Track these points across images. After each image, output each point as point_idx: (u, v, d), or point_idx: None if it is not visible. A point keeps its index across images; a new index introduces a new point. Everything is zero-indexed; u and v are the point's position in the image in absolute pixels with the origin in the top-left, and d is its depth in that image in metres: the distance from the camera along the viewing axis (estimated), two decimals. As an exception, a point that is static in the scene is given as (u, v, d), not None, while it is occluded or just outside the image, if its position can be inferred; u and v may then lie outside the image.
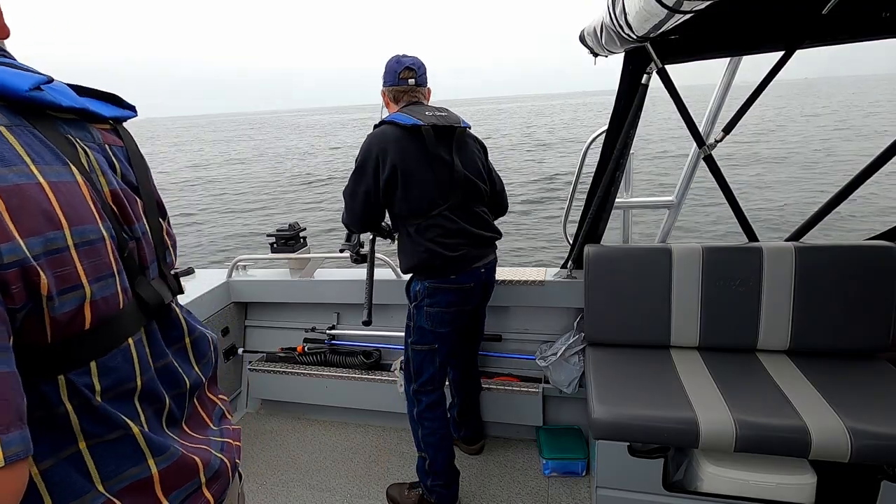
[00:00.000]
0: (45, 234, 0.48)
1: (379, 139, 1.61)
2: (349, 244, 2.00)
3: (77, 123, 0.60)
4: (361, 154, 1.63)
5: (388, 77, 1.72)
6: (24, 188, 0.47)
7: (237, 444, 0.76)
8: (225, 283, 2.53)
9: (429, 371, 1.77)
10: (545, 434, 2.14)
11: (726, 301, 1.83)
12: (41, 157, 0.51)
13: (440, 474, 1.81)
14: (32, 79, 0.53)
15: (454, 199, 1.66)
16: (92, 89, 0.66)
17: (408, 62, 1.69)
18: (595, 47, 1.76)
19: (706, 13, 1.06)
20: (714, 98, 1.86)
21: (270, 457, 2.26)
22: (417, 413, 1.80)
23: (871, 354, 1.77)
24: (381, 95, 1.78)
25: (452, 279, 1.69)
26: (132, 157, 0.67)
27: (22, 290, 0.46)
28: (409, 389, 1.83)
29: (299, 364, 2.47)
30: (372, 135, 1.64)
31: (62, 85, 0.60)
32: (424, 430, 1.79)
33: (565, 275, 2.18)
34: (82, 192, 0.54)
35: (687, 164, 1.99)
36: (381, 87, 1.75)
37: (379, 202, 1.65)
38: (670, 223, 2.15)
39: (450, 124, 1.64)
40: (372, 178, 1.61)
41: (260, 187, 14.24)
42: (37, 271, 0.47)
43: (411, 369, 1.80)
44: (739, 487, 1.51)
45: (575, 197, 2.20)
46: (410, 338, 1.78)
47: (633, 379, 1.73)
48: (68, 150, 0.55)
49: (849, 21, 1.57)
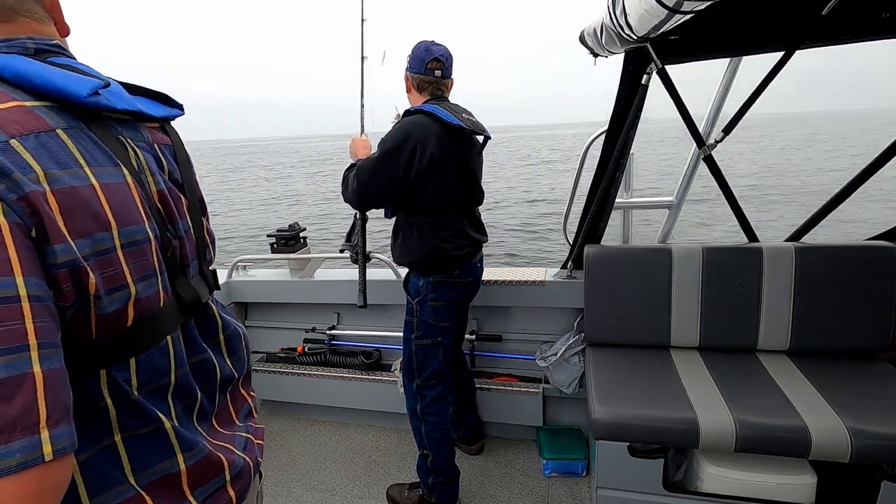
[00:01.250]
0: (94, 235, 0.50)
1: (419, 129, 1.57)
2: (349, 244, 2.00)
3: (129, 124, 0.62)
4: (396, 138, 1.57)
5: (415, 64, 1.67)
6: (78, 190, 0.49)
7: (260, 442, 0.77)
8: (225, 284, 2.53)
9: (433, 365, 1.78)
10: (545, 434, 2.14)
11: (726, 301, 1.83)
12: (95, 159, 0.53)
13: (441, 471, 1.81)
14: (90, 83, 0.54)
15: (469, 201, 1.75)
16: (143, 88, 0.68)
17: (437, 52, 1.64)
18: (595, 48, 1.76)
19: (706, 13, 1.06)
20: (714, 98, 1.86)
21: (270, 457, 2.25)
22: (421, 409, 1.80)
23: (871, 354, 1.77)
24: (403, 78, 1.74)
25: (455, 274, 1.74)
26: (178, 155, 0.69)
27: (72, 289, 0.48)
28: (411, 386, 1.82)
29: (299, 364, 2.47)
30: (409, 122, 1.60)
31: (117, 86, 0.62)
32: (428, 427, 1.80)
33: (565, 275, 2.18)
34: (131, 193, 0.56)
35: (687, 165, 1.99)
36: (406, 70, 1.71)
37: (401, 190, 1.61)
38: (670, 223, 2.16)
39: (479, 132, 1.69)
40: (404, 166, 1.56)
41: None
42: (86, 271, 0.48)
43: (414, 365, 1.80)
44: (739, 487, 1.51)
45: (575, 197, 2.20)
46: (413, 333, 1.78)
47: (633, 379, 1.73)
48: (120, 151, 0.57)
49: (849, 21, 1.57)
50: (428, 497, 1.85)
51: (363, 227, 1.93)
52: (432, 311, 1.73)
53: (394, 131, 1.60)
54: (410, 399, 1.85)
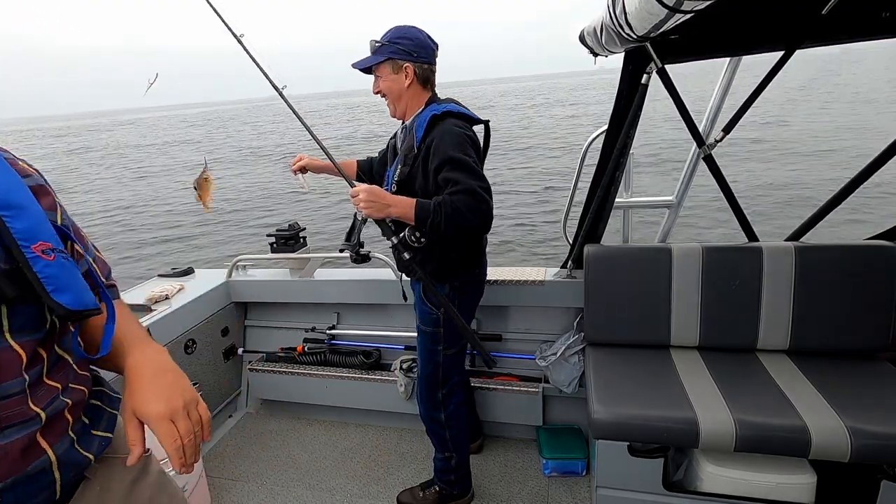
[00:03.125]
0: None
1: (469, 133, 1.48)
2: (349, 244, 1.99)
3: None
4: (465, 146, 1.42)
5: (424, 53, 1.51)
6: None
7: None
8: (225, 283, 2.53)
9: (458, 371, 1.78)
10: (545, 434, 2.14)
11: (726, 301, 1.83)
12: None
13: (462, 465, 1.85)
14: None
15: None
16: None
17: (433, 39, 1.54)
18: (595, 47, 1.76)
19: (706, 13, 1.06)
20: (714, 98, 1.86)
21: (270, 457, 2.25)
22: (446, 417, 1.77)
23: (871, 354, 1.77)
24: (403, 70, 1.52)
25: (476, 273, 1.72)
26: None
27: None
28: (436, 396, 1.75)
29: (299, 364, 2.47)
30: (461, 127, 1.47)
31: None
32: (453, 432, 1.79)
33: (565, 275, 2.18)
34: None
35: (687, 164, 1.99)
36: (407, 60, 1.50)
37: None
38: (670, 223, 2.16)
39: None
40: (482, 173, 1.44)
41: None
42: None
43: (439, 376, 1.73)
44: (739, 487, 1.51)
45: (575, 197, 2.20)
46: (440, 345, 1.69)
47: (633, 379, 1.73)
48: None
49: (849, 21, 1.57)
50: (449, 491, 1.86)
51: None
52: (461, 314, 1.63)
53: (454, 139, 1.43)
54: (430, 409, 1.78)
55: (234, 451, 2.31)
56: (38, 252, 0.63)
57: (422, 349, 1.75)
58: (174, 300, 2.30)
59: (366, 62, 1.54)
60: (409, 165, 1.53)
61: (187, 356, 2.27)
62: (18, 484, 0.64)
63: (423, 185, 1.51)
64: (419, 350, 1.78)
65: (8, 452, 0.62)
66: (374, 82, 1.58)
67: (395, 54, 1.50)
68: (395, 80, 1.53)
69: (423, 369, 1.77)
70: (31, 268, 0.62)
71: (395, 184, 1.56)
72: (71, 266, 0.68)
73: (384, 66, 1.53)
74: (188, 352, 2.28)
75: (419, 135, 1.51)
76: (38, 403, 0.67)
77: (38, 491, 0.67)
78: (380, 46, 1.52)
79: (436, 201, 1.39)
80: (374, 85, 1.58)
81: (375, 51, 1.53)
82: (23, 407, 0.65)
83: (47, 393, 0.68)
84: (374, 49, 1.54)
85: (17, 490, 0.64)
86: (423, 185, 1.51)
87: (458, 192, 1.37)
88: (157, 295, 2.28)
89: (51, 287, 0.63)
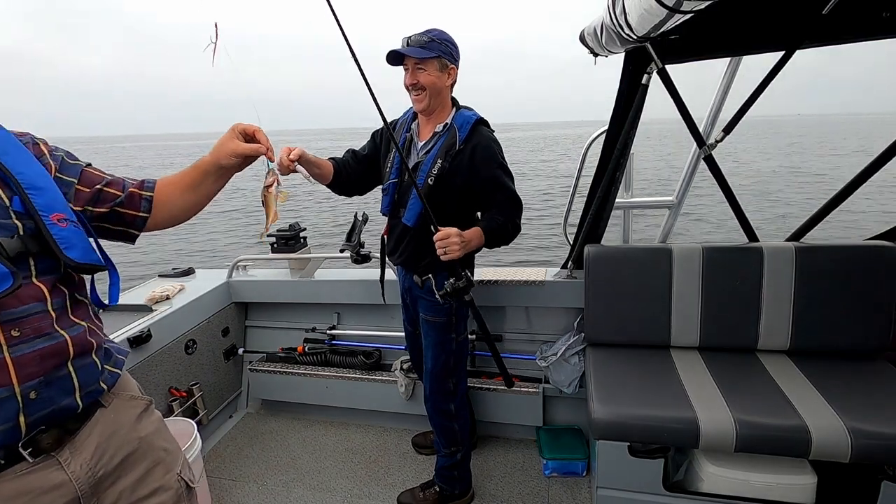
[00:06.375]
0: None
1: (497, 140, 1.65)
2: (349, 244, 1.99)
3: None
4: (503, 155, 1.63)
5: (459, 57, 1.61)
6: None
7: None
8: (225, 283, 2.53)
9: (465, 356, 1.82)
10: (545, 434, 2.15)
11: (726, 301, 1.83)
12: None
13: (466, 460, 1.87)
14: None
15: None
16: None
17: None
18: (595, 47, 1.76)
19: (706, 13, 1.06)
20: (714, 98, 1.86)
21: (270, 457, 2.26)
22: (456, 408, 1.79)
23: (872, 354, 1.77)
24: (448, 70, 1.58)
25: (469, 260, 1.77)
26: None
27: None
28: (447, 386, 1.76)
29: (299, 364, 2.47)
30: (493, 135, 1.64)
31: None
32: (461, 422, 1.81)
33: (565, 275, 2.19)
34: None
35: (687, 164, 1.99)
36: (451, 63, 1.58)
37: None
38: (670, 223, 2.16)
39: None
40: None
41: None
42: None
43: (451, 364, 1.74)
44: (740, 487, 1.51)
45: (575, 197, 2.20)
46: (452, 333, 1.72)
47: (634, 379, 1.73)
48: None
49: (849, 21, 1.57)
50: (449, 491, 1.86)
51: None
52: (465, 300, 1.62)
53: (496, 149, 1.61)
54: (440, 401, 1.78)
55: (234, 451, 2.31)
56: (55, 220, 0.83)
57: (433, 342, 1.75)
58: (175, 300, 2.30)
59: (419, 53, 1.52)
60: (450, 162, 1.58)
61: (188, 356, 2.27)
62: (52, 383, 0.82)
63: (466, 180, 1.59)
64: (429, 344, 1.76)
65: (39, 356, 0.80)
66: (409, 73, 1.56)
67: (446, 55, 1.55)
68: (439, 78, 1.57)
69: (436, 361, 1.75)
70: (49, 231, 0.82)
71: (433, 177, 1.58)
72: (80, 232, 0.88)
73: (433, 62, 1.54)
74: (189, 352, 2.28)
75: (462, 135, 1.58)
76: (62, 327, 0.85)
77: (65, 394, 0.84)
78: (429, 42, 1.53)
79: (496, 226, 1.61)
80: (411, 76, 1.56)
81: (425, 45, 1.53)
82: (47, 324, 0.82)
83: (70, 323, 0.87)
84: (421, 44, 1.53)
85: (50, 388, 0.82)
86: (466, 181, 1.59)
87: (507, 218, 1.62)
88: (157, 295, 2.29)
89: (63, 245, 0.83)
